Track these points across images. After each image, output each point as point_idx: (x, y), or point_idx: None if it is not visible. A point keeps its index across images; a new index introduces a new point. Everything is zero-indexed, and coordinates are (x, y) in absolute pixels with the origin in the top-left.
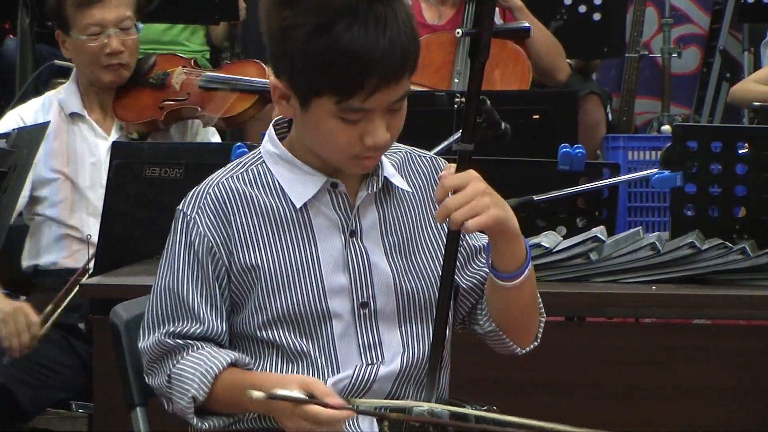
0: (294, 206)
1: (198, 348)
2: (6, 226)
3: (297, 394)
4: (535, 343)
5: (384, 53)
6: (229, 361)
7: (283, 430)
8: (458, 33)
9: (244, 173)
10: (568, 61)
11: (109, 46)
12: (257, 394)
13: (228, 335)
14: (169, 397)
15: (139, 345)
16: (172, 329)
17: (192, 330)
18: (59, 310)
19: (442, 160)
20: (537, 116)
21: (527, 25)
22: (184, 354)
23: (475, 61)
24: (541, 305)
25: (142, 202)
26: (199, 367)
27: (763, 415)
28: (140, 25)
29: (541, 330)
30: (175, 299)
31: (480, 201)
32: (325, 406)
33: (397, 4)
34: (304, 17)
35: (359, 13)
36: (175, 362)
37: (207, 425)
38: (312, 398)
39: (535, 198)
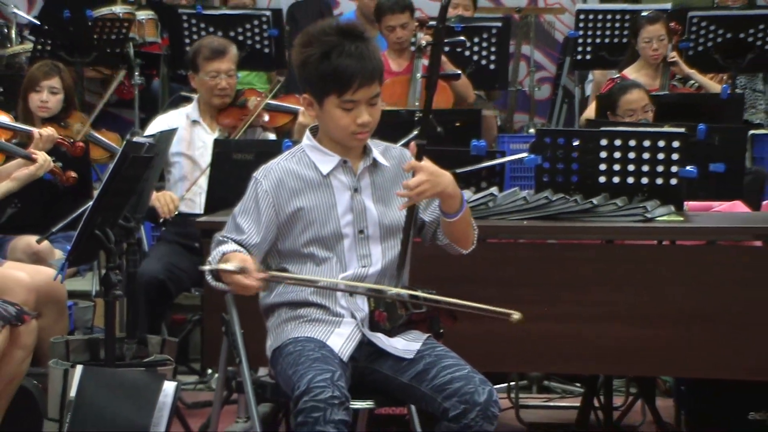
0: (322, 174)
1: (229, 242)
2: (152, 188)
3: (233, 266)
4: (473, 247)
5: (362, 68)
6: (235, 249)
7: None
8: (418, 77)
9: (293, 157)
10: (477, 92)
11: (220, 84)
12: (203, 267)
13: (259, 249)
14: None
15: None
16: (224, 233)
17: (233, 236)
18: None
19: (407, 150)
20: (458, 124)
21: (459, 72)
22: (222, 244)
23: (427, 93)
24: (475, 225)
25: (231, 174)
26: (219, 249)
27: (581, 296)
28: (239, 74)
29: (475, 239)
30: (234, 221)
31: (424, 186)
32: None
33: (368, 42)
34: (314, 50)
35: (345, 47)
36: (216, 248)
37: (215, 285)
38: (243, 270)
39: (457, 171)
